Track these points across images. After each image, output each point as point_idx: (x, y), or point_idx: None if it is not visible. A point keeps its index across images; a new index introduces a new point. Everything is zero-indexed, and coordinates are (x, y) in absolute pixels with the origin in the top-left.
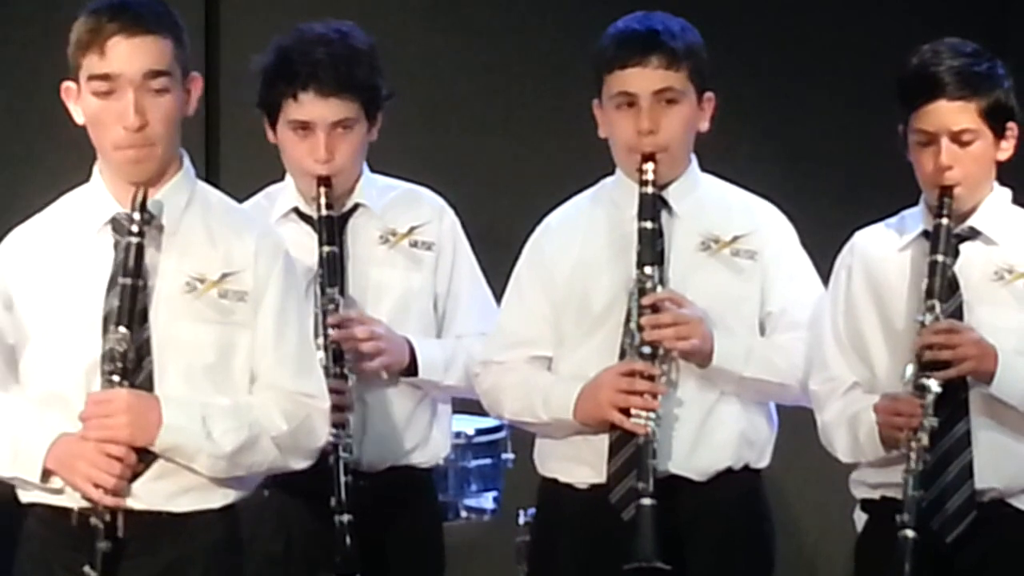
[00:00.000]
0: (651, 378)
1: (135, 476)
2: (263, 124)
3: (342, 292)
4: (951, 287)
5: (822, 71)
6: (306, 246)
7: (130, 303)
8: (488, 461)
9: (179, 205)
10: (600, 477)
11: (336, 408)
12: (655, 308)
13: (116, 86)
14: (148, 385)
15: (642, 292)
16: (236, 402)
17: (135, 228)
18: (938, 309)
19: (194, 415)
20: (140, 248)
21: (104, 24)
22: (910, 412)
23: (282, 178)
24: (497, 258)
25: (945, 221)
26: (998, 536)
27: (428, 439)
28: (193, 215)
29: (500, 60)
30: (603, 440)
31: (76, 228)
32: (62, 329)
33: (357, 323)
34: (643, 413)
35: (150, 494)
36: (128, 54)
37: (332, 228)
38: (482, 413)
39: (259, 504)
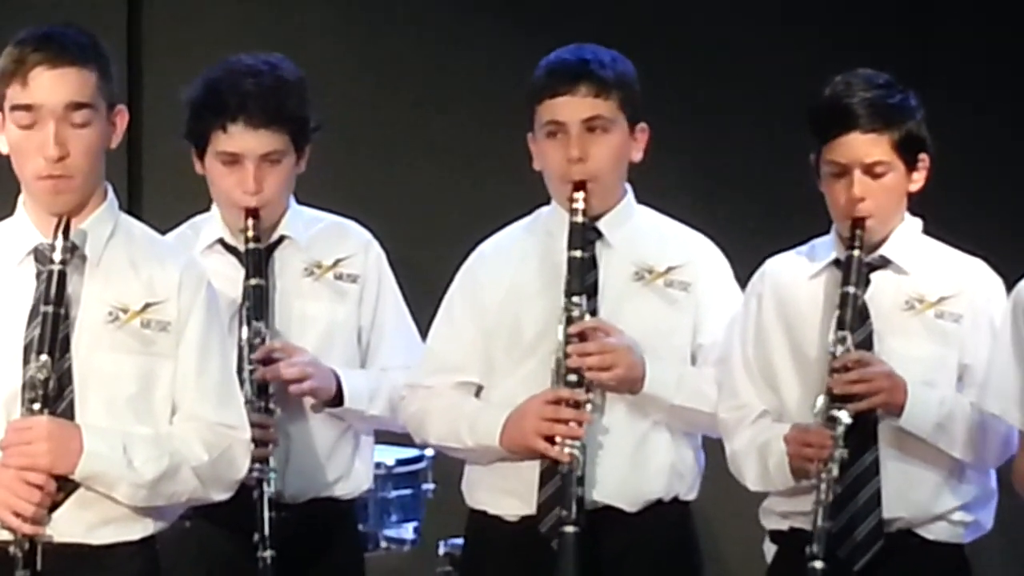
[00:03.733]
0: (576, 406)
1: (55, 506)
2: (186, 155)
3: (267, 325)
4: (862, 316)
5: (740, 100)
6: (231, 277)
7: (52, 331)
8: (408, 491)
9: (102, 236)
10: (529, 508)
11: (260, 443)
12: (583, 337)
13: (38, 117)
14: (69, 414)
15: (570, 321)
16: (157, 432)
17: (57, 256)
18: (849, 341)
19: (115, 443)
20: (62, 276)
21: (28, 54)
22: (820, 443)
23: (206, 209)
24: (421, 289)
25: (857, 253)
26: (905, 566)
27: (350, 471)
28: (116, 246)
29: (428, 92)
30: (532, 471)
31: None
32: None
33: (281, 355)
34: (568, 441)
35: (70, 525)
36: (50, 85)
37: (259, 261)
38: (402, 443)
39: (180, 535)
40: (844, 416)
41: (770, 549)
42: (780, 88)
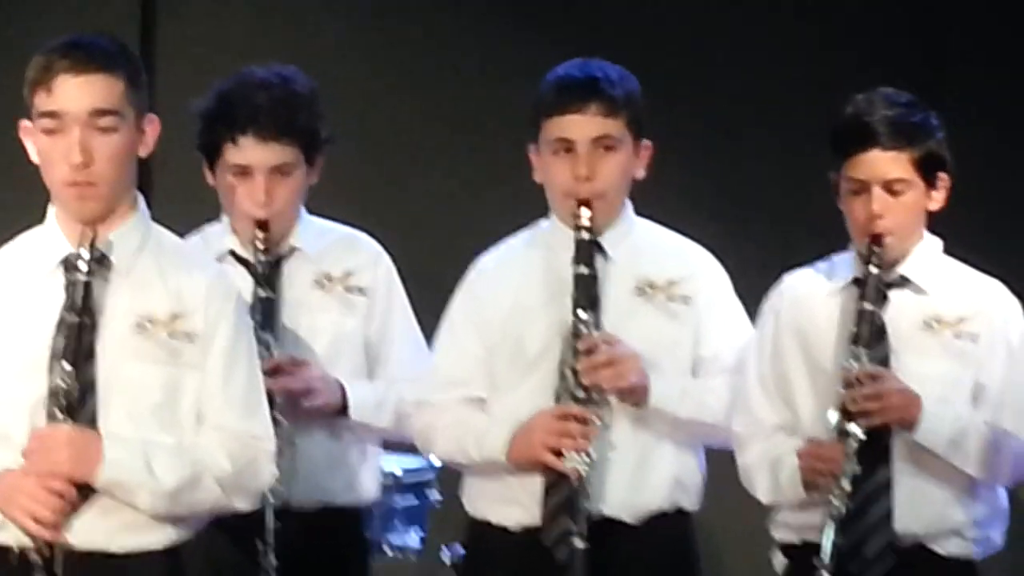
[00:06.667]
0: (584, 421)
1: (75, 512)
2: (195, 165)
3: (276, 338)
4: (879, 334)
5: (755, 116)
6: (241, 289)
7: (76, 340)
8: (414, 501)
9: (132, 246)
10: (533, 519)
11: None
12: (589, 351)
13: (63, 124)
14: (92, 423)
15: (577, 337)
16: (180, 441)
17: (83, 267)
18: (864, 357)
19: (136, 452)
20: (88, 286)
21: (54, 62)
22: (833, 458)
23: (215, 218)
24: (431, 302)
25: (875, 270)
26: None
27: (357, 480)
28: (146, 256)
29: (440, 105)
30: (536, 482)
31: (28, 269)
32: (9, 367)
33: (289, 368)
34: (576, 455)
35: (91, 532)
36: (75, 92)
37: (269, 273)
38: (409, 453)
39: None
40: (858, 432)
41: (780, 562)
42: (794, 105)
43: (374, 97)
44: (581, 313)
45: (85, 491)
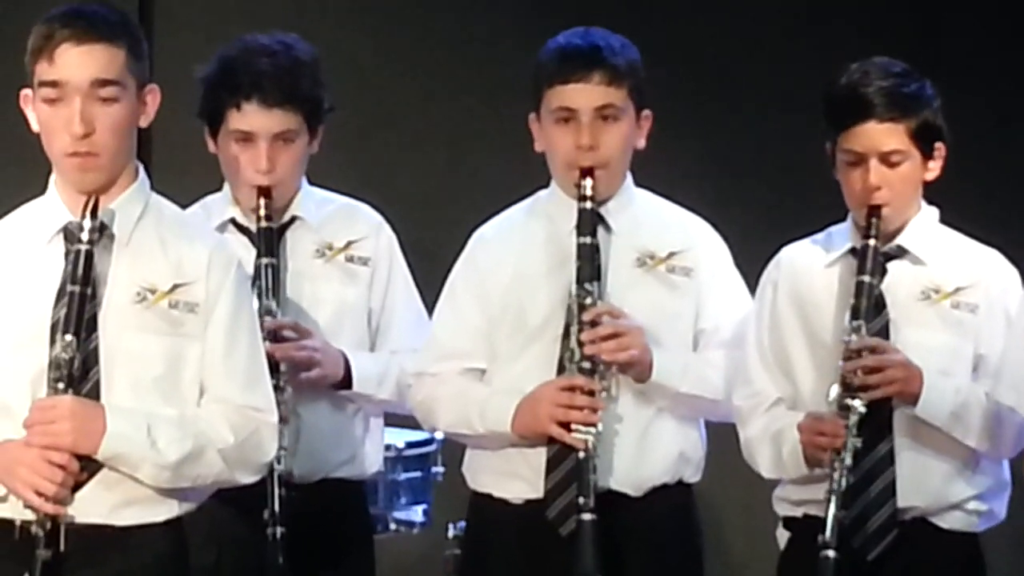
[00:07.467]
0: (591, 393)
1: (78, 486)
2: (195, 134)
3: (278, 304)
4: (878, 306)
5: (752, 87)
6: (242, 257)
7: (78, 311)
8: (418, 474)
9: (132, 215)
10: (536, 492)
11: None
12: (593, 323)
13: (64, 93)
14: (95, 394)
15: (581, 308)
16: (183, 413)
17: (85, 236)
18: (864, 330)
19: (139, 424)
20: (89, 256)
21: (56, 31)
22: (834, 432)
23: (216, 189)
24: (431, 272)
25: (872, 242)
26: (918, 554)
27: (360, 452)
28: (146, 226)
29: (441, 75)
30: (539, 455)
31: (29, 238)
32: (9, 338)
33: (292, 334)
34: (583, 428)
35: (93, 505)
36: (76, 61)
37: (271, 240)
38: (412, 426)
39: (190, 514)
40: (858, 405)
41: (783, 535)
42: (792, 75)
43: (373, 67)
44: (585, 284)
45: (88, 464)
